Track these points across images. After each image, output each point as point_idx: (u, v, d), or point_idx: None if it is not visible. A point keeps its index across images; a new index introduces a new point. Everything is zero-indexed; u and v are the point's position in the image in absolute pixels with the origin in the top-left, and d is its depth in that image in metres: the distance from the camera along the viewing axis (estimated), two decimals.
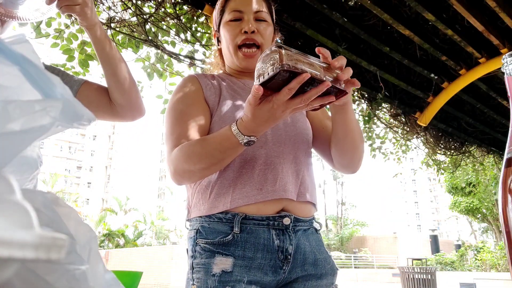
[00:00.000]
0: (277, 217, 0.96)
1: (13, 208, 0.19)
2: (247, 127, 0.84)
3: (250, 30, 1.07)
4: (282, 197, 0.97)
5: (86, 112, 0.28)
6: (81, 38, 2.76)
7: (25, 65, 0.27)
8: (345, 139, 1.01)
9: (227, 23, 1.11)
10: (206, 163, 0.91)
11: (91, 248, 0.28)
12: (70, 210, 0.28)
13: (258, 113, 0.81)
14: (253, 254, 0.93)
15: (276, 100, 0.78)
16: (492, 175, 7.16)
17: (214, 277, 0.91)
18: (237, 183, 0.97)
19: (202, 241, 0.96)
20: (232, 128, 0.87)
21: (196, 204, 1.02)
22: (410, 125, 4.31)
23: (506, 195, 0.50)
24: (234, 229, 0.94)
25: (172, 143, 0.99)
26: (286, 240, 0.97)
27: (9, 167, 0.26)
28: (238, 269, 0.92)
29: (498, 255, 13.73)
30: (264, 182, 0.97)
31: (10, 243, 0.17)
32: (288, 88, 0.75)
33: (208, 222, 0.97)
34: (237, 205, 0.95)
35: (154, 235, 30.84)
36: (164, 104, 3.27)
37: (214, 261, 0.92)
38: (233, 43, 1.09)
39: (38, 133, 0.25)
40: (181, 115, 1.03)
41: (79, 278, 0.25)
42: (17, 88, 0.27)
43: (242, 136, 0.85)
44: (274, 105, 0.79)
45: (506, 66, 0.54)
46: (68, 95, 0.28)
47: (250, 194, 0.96)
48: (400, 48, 3.22)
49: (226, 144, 0.88)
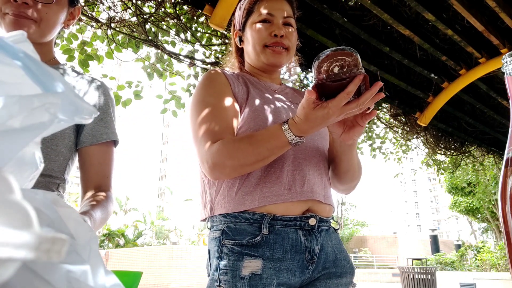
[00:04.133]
0: (304, 218, 0.98)
1: (13, 208, 0.19)
2: (299, 128, 0.87)
3: (280, 35, 1.11)
4: (310, 198, 0.99)
5: (86, 105, 0.28)
6: (81, 38, 2.76)
7: (25, 61, 0.27)
8: (346, 174, 1.09)
9: (257, 24, 1.13)
10: (252, 160, 0.91)
11: (91, 248, 0.28)
12: (70, 210, 0.28)
13: (312, 116, 0.83)
14: (282, 255, 0.94)
15: (332, 106, 0.80)
16: (492, 175, 7.17)
17: (243, 280, 0.91)
18: (265, 182, 0.97)
19: (229, 242, 0.95)
20: (282, 127, 0.89)
21: (220, 202, 1.00)
22: (410, 125, 4.31)
23: (506, 195, 0.50)
24: (262, 230, 0.94)
25: (208, 137, 0.96)
26: (313, 240, 0.98)
27: (9, 166, 0.26)
28: (267, 271, 0.92)
29: (498, 255, 13.73)
30: (293, 183, 0.99)
31: (10, 243, 0.17)
32: (346, 92, 0.78)
33: (234, 223, 0.96)
34: (265, 204, 0.96)
35: (154, 235, 30.84)
36: (165, 104, 3.27)
37: (242, 263, 0.92)
38: (261, 43, 1.12)
39: (39, 130, 0.25)
40: (214, 109, 1.01)
41: (79, 278, 0.25)
42: (17, 83, 0.27)
43: (293, 136, 0.88)
44: (330, 110, 0.81)
45: (506, 66, 0.54)
46: (68, 89, 0.27)
47: (279, 193, 0.97)
48: (400, 48, 3.21)
49: (274, 143, 0.90)
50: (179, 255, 13.79)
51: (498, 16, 2.77)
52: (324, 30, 2.96)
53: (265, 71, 1.18)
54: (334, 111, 0.80)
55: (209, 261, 1.00)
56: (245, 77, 1.15)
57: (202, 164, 0.96)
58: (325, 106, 0.81)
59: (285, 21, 1.14)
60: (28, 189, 0.27)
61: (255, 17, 1.14)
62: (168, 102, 3.26)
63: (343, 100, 0.79)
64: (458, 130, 4.54)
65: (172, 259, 13.65)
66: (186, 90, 3.37)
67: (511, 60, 0.54)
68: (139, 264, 14.93)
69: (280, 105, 1.09)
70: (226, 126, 0.99)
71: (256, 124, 1.01)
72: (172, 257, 13.72)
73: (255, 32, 1.13)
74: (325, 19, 2.95)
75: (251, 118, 1.02)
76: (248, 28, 1.16)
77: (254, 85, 1.13)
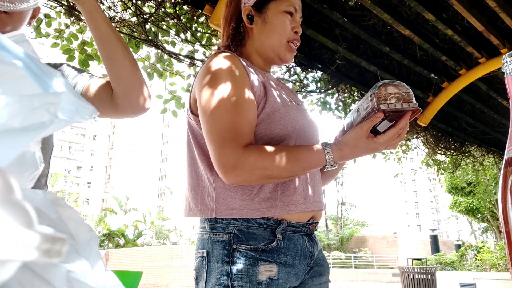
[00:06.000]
0: (308, 224, 0.99)
1: (14, 208, 0.19)
2: (342, 155, 0.90)
3: (300, 33, 1.10)
4: (319, 208, 1.01)
5: (87, 105, 0.28)
6: (81, 38, 2.76)
7: (26, 61, 0.27)
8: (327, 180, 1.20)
9: (284, 13, 1.06)
10: (285, 175, 0.89)
11: (91, 248, 0.28)
12: (70, 210, 0.28)
13: (363, 145, 0.88)
14: (293, 260, 0.95)
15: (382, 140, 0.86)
16: (492, 175, 7.16)
17: (261, 285, 0.89)
18: (284, 190, 0.95)
19: (243, 247, 0.91)
20: (325, 150, 0.91)
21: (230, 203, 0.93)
22: (410, 125, 4.31)
23: (506, 195, 0.50)
24: (277, 236, 0.94)
25: (235, 138, 0.88)
26: (314, 245, 1.01)
27: (9, 166, 0.26)
28: (282, 275, 0.93)
29: (498, 255, 13.72)
30: (307, 192, 0.99)
31: (10, 243, 0.17)
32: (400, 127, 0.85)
33: (246, 227, 0.92)
34: (285, 212, 0.94)
35: (154, 235, 30.83)
36: (165, 104, 3.26)
37: (259, 268, 0.90)
38: (286, 35, 1.06)
39: (39, 130, 0.25)
40: (238, 104, 0.90)
41: (79, 278, 0.25)
42: (18, 83, 0.27)
43: (332, 162, 0.91)
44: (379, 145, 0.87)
45: (506, 66, 0.54)
46: (69, 89, 0.27)
47: (297, 203, 0.96)
48: (400, 48, 3.21)
49: (313, 164, 0.92)
50: (179, 255, 13.79)
51: (498, 16, 2.76)
52: (324, 30, 2.96)
53: (271, 63, 1.11)
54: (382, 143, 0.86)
55: (206, 264, 0.94)
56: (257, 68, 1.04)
57: (221, 165, 0.87)
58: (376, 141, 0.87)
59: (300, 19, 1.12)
60: (28, 189, 0.27)
61: (283, 4, 1.05)
62: (168, 102, 3.25)
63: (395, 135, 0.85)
64: (458, 130, 4.54)
65: (172, 259, 13.65)
66: (186, 90, 3.37)
67: (511, 60, 0.54)
68: (139, 264, 14.93)
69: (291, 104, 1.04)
70: (252, 127, 0.92)
71: (276, 128, 0.96)
72: (172, 257, 13.72)
73: (281, 21, 1.04)
74: (325, 19, 2.95)
75: (271, 120, 0.95)
76: (272, 12, 1.05)
77: (267, 80, 1.04)
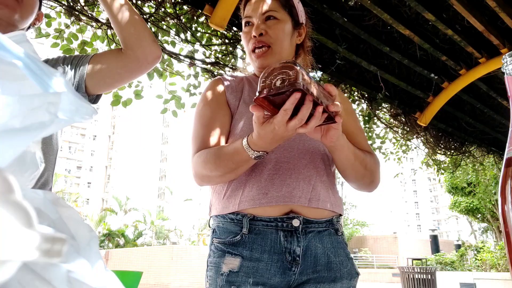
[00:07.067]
0: (286, 219, 0.96)
1: (13, 208, 0.19)
2: (256, 143, 0.87)
3: (257, 34, 1.07)
4: (288, 203, 0.97)
5: (87, 105, 0.28)
6: (81, 38, 2.76)
7: (26, 60, 0.27)
8: (345, 173, 1.06)
9: (243, 31, 1.14)
10: (221, 171, 0.96)
11: (91, 248, 0.28)
12: (70, 210, 0.28)
13: (263, 133, 0.82)
14: (260, 255, 0.95)
15: (276, 122, 0.78)
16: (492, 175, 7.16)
17: (222, 276, 0.94)
18: (246, 186, 1.00)
19: (216, 241, 1.01)
20: (243, 142, 0.89)
21: (214, 203, 1.08)
22: (410, 125, 4.31)
23: (506, 195, 0.50)
24: (243, 229, 0.97)
25: (195, 147, 1.05)
26: (294, 241, 0.96)
27: (9, 166, 0.26)
28: (244, 269, 0.94)
29: (498, 255, 13.71)
30: (271, 187, 0.98)
31: (10, 243, 0.17)
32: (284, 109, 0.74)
33: (222, 222, 1.02)
34: (243, 208, 0.98)
35: (154, 235, 30.83)
36: (165, 104, 3.27)
37: (223, 260, 0.96)
38: (248, 49, 1.13)
39: (39, 130, 0.25)
40: (203, 119, 1.07)
41: (79, 278, 0.25)
42: (18, 83, 0.27)
43: (252, 151, 0.89)
44: (276, 126, 0.78)
45: (506, 66, 0.54)
46: (69, 89, 0.28)
47: (255, 198, 0.97)
48: (400, 48, 3.21)
49: (238, 158, 0.92)
50: (179, 255, 13.80)
51: (498, 16, 2.76)
52: (324, 30, 2.96)
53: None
54: (279, 126, 0.77)
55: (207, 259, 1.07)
56: (248, 81, 1.16)
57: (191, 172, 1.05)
58: (271, 122, 0.78)
59: (265, 17, 1.09)
60: (29, 189, 0.27)
61: (243, 20, 1.15)
62: (168, 102, 3.25)
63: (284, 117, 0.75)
64: (458, 130, 4.54)
65: (172, 259, 13.65)
66: (186, 90, 3.37)
67: (511, 60, 0.54)
68: (139, 264, 14.93)
69: None
70: (212, 137, 1.04)
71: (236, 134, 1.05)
72: (172, 257, 13.72)
73: (243, 39, 1.14)
74: (325, 19, 2.95)
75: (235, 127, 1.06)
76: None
77: (253, 90, 1.13)
